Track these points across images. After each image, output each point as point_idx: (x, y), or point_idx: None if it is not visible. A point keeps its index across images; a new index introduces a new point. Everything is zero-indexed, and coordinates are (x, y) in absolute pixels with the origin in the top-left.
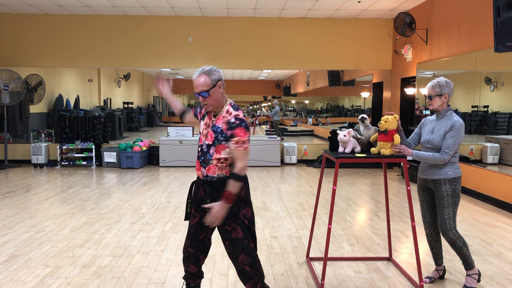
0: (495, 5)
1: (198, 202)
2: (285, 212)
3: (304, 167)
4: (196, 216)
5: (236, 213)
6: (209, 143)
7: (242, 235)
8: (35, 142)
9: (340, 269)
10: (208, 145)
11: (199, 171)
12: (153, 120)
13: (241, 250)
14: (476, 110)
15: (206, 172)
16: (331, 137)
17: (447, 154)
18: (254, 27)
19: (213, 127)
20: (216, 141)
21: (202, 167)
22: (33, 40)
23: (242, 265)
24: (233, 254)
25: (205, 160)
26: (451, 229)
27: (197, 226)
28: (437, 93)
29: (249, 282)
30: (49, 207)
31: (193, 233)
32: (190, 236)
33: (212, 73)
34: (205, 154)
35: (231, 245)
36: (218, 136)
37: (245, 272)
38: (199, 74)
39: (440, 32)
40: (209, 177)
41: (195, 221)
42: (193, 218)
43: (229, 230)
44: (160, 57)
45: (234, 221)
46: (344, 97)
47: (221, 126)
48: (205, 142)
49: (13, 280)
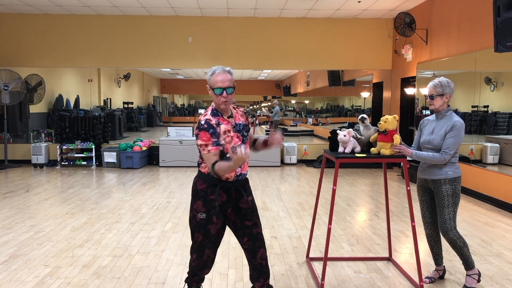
0: (495, 5)
1: (220, 207)
2: (285, 212)
3: (304, 167)
4: (218, 224)
5: (255, 206)
6: (238, 143)
7: (261, 229)
8: (35, 142)
9: (340, 269)
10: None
11: (232, 173)
12: (153, 120)
13: (261, 245)
14: (476, 110)
15: (240, 171)
16: (331, 137)
17: (447, 154)
18: (254, 27)
19: (236, 127)
20: (244, 138)
21: (239, 167)
22: (33, 40)
23: (260, 261)
24: (252, 250)
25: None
26: (452, 229)
27: (219, 233)
28: (438, 92)
29: (260, 279)
30: (49, 207)
31: (215, 240)
32: (213, 245)
33: (232, 72)
34: None
35: (251, 240)
36: (243, 133)
37: (260, 268)
38: (223, 72)
39: (440, 32)
40: (242, 175)
41: (218, 228)
42: (216, 226)
43: (249, 225)
44: (160, 57)
45: (254, 216)
46: (344, 97)
47: (241, 122)
48: (234, 146)
49: (13, 280)
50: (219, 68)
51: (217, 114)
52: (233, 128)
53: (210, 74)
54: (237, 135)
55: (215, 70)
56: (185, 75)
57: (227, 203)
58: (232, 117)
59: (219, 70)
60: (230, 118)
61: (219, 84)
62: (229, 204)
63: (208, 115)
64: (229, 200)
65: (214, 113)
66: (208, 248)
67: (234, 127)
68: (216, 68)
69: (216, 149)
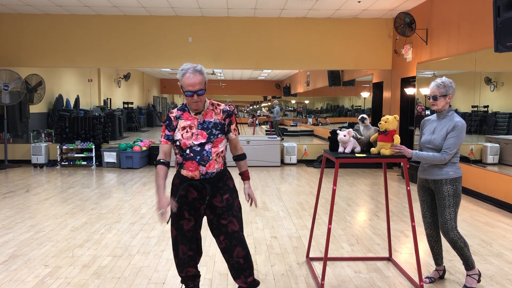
0: (495, 5)
1: (191, 204)
2: (285, 212)
3: (304, 167)
4: (191, 220)
5: (231, 205)
6: (202, 141)
7: (238, 228)
8: (35, 142)
9: (340, 269)
10: (201, 144)
11: (196, 171)
12: (153, 120)
13: (237, 243)
14: (476, 110)
15: (206, 169)
16: (331, 137)
17: (448, 154)
18: (254, 27)
19: (203, 124)
20: (212, 136)
21: (201, 166)
22: (33, 40)
23: (236, 259)
24: (229, 248)
25: (203, 158)
26: (452, 229)
27: (193, 229)
28: (442, 93)
29: (240, 276)
30: (49, 207)
31: (191, 237)
32: (188, 241)
33: (203, 71)
34: (200, 153)
35: (227, 238)
36: (212, 131)
37: (238, 266)
38: (194, 73)
39: (440, 32)
40: (209, 174)
41: (191, 224)
42: (188, 222)
43: (225, 224)
44: (160, 57)
45: (230, 214)
46: (344, 97)
47: (213, 119)
48: (193, 142)
49: (13, 280)
50: (190, 68)
51: (184, 110)
52: (200, 125)
53: (181, 75)
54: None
55: (185, 72)
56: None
57: (198, 200)
58: (200, 113)
59: (189, 72)
60: (198, 114)
61: (189, 88)
62: (201, 201)
63: (176, 109)
64: (200, 197)
65: (181, 107)
66: (182, 244)
67: (200, 124)
68: (187, 69)
69: (165, 142)
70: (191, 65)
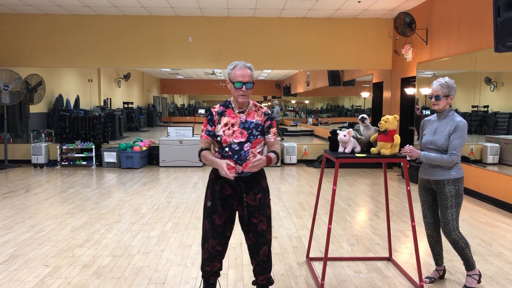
0: (495, 5)
1: (225, 200)
2: (285, 212)
3: (304, 167)
4: (223, 215)
5: (263, 204)
6: (241, 140)
7: (266, 227)
8: (35, 142)
9: (340, 269)
10: (240, 143)
11: (233, 169)
12: (153, 120)
13: (264, 242)
14: (476, 110)
15: (241, 169)
16: (331, 137)
17: (455, 155)
18: (254, 27)
19: (245, 124)
20: (252, 137)
21: (238, 165)
22: (33, 40)
23: (262, 257)
24: (256, 246)
25: (240, 158)
26: (454, 229)
27: (225, 224)
28: (445, 93)
29: (263, 274)
30: (49, 207)
31: (221, 232)
32: (218, 235)
33: (252, 69)
34: (238, 152)
35: (255, 237)
36: (252, 132)
37: (262, 264)
38: (245, 67)
39: (440, 32)
40: (244, 173)
41: (223, 219)
42: (221, 217)
43: (256, 223)
44: (160, 57)
45: (261, 213)
46: (344, 97)
47: (255, 120)
48: (233, 140)
49: (13, 280)
50: (241, 63)
51: (227, 106)
52: (242, 124)
53: (231, 68)
54: (242, 131)
55: (236, 64)
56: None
57: (233, 197)
58: (244, 113)
59: (240, 65)
60: (241, 113)
61: (239, 78)
62: (235, 198)
63: (218, 105)
64: (234, 194)
65: (224, 104)
66: (212, 238)
67: (242, 123)
68: (238, 63)
69: (205, 137)
70: (242, 62)
